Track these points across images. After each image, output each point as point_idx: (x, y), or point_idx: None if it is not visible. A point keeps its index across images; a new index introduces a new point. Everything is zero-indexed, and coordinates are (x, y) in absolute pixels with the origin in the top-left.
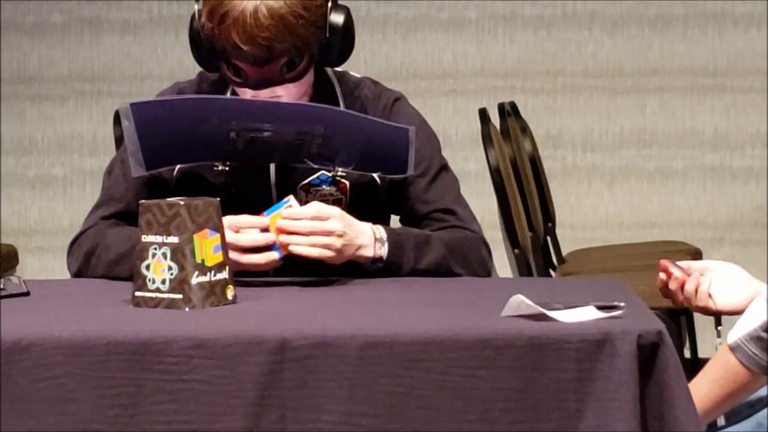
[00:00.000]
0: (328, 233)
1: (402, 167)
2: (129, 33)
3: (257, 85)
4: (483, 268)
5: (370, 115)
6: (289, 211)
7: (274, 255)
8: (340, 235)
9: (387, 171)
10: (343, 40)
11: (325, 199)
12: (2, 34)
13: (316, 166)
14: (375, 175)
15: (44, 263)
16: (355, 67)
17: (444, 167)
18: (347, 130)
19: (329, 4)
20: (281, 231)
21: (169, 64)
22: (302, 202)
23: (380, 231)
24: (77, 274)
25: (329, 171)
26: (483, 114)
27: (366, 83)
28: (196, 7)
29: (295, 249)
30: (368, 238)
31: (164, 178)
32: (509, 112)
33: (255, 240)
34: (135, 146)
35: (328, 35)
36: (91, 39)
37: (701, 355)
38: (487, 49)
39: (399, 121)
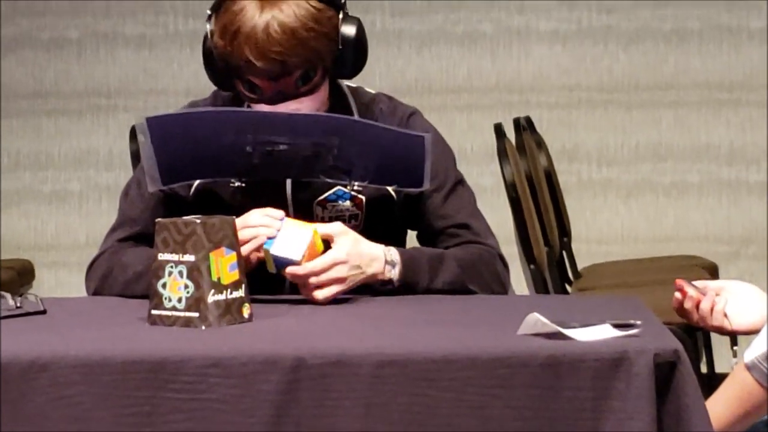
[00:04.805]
0: (337, 281)
1: (418, 179)
2: (145, 48)
3: (273, 100)
4: (498, 283)
5: None
6: (294, 269)
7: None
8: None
9: (403, 184)
10: (355, 51)
11: (342, 215)
12: (19, 49)
13: (332, 181)
14: (391, 189)
15: (60, 278)
16: (369, 81)
17: (460, 182)
18: (363, 140)
19: (340, 16)
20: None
21: (185, 80)
22: (318, 217)
23: (392, 254)
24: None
25: (345, 186)
26: (498, 129)
27: (381, 98)
28: (208, 27)
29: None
30: (379, 265)
31: (180, 197)
32: (524, 126)
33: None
34: (151, 161)
35: (340, 47)
36: (107, 54)
37: (718, 370)
38: (502, 64)
39: None
